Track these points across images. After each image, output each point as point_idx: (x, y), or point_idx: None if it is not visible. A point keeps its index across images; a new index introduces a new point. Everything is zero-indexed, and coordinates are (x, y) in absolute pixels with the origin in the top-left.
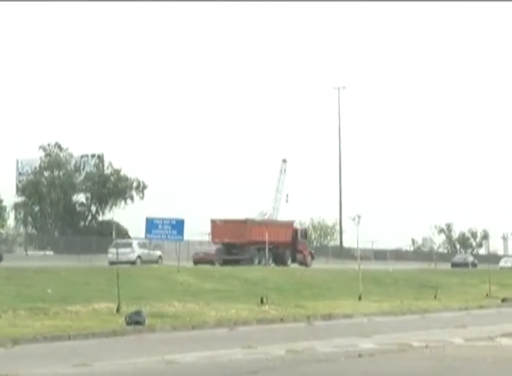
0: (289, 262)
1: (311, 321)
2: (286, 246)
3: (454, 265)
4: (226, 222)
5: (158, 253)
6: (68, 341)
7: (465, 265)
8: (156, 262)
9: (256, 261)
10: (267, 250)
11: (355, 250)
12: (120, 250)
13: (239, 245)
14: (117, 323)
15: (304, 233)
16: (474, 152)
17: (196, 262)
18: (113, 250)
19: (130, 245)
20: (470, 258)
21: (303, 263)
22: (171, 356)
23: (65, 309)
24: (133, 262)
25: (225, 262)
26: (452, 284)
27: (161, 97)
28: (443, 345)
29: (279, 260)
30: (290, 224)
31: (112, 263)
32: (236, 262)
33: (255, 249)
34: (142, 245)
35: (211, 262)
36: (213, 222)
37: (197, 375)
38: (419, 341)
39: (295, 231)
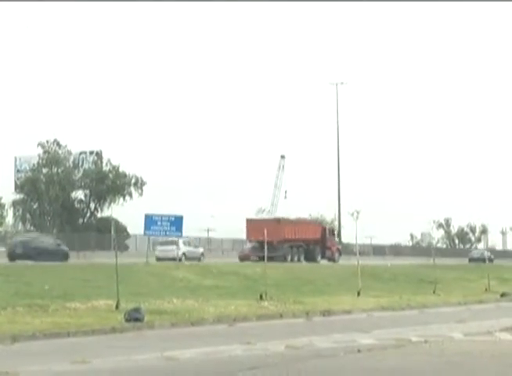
0: (319, 258)
1: (310, 317)
2: (316, 243)
3: (472, 260)
4: (261, 221)
5: (201, 250)
6: (67, 338)
7: (482, 260)
8: (199, 259)
9: (289, 258)
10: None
11: (353, 245)
12: (167, 247)
13: (273, 243)
14: (116, 320)
15: (332, 231)
16: (473, 147)
17: (242, 258)
18: (160, 247)
19: (176, 243)
20: (487, 253)
21: (331, 259)
22: (170, 353)
23: (64, 306)
24: (179, 259)
25: (260, 259)
26: (450, 279)
27: (159, 93)
28: (442, 340)
29: (310, 257)
30: (319, 222)
31: (159, 259)
32: (270, 259)
33: (288, 246)
34: (186, 243)
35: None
36: (248, 221)
37: (197, 371)
38: (418, 337)
39: (324, 229)
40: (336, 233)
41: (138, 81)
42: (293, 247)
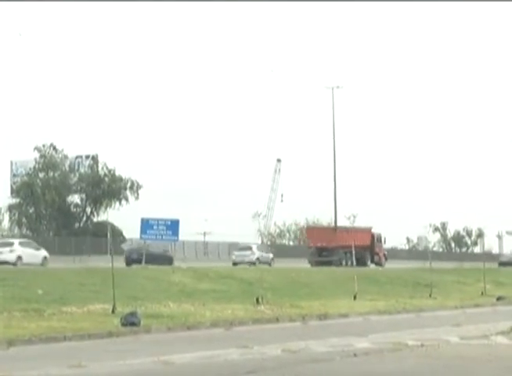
0: (368, 262)
1: (306, 321)
2: (366, 249)
3: (502, 264)
4: (319, 229)
5: (271, 256)
6: (63, 342)
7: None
8: (270, 263)
9: (344, 262)
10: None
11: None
12: (242, 252)
13: (330, 249)
14: (113, 324)
15: (380, 238)
16: (469, 150)
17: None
18: (237, 252)
19: (250, 248)
20: None
21: (378, 263)
22: (166, 357)
23: (60, 310)
24: (253, 263)
25: (317, 264)
26: (447, 283)
27: (155, 98)
28: (438, 344)
29: (361, 261)
30: (369, 230)
31: (235, 264)
32: (327, 263)
33: (343, 252)
34: (259, 248)
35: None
36: (308, 228)
37: (193, 375)
38: (414, 340)
39: (373, 236)
40: (383, 239)
41: (134, 85)
42: (347, 252)
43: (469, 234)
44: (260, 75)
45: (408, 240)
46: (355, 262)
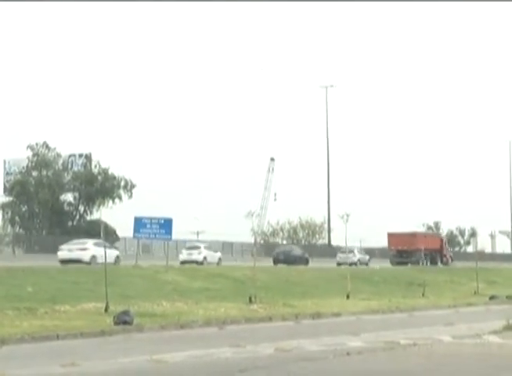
0: (439, 263)
1: (299, 320)
2: (437, 251)
3: None
4: (400, 234)
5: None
6: (56, 341)
7: None
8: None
9: (420, 263)
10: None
11: (343, 248)
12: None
13: (409, 251)
14: (106, 323)
15: (447, 241)
16: (461, 150)
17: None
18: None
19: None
20: None
21: (446, 263)
22: (159, 356)
23: (53, 309)
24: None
25: (398, 264)
26: (440, 282)
27: (148, 96)
28: (431, 343)
29: (433, 262)
30: (439, 235)
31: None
32: (406, 264)
33: (420, 254)
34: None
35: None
36: (390, 234)
37: (186, 374)
38: (407, 339)
39: (442, 240)
40: (447, 242)
41: (128, 83)
42: (422, 254)
43: (462, 233)
44: (254, 74)
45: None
46: (428, 262)
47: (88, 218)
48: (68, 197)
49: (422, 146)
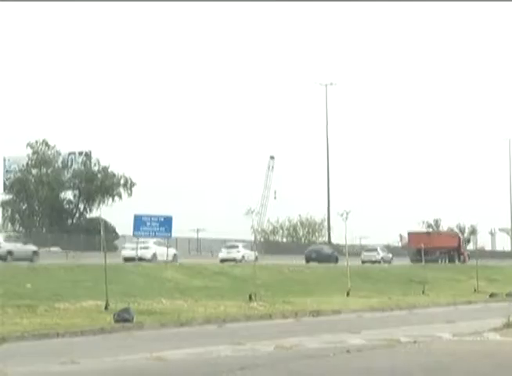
0: (456, 261)
1: (299, 317)
2: (455, 249)
3: None
4: (420, 233)
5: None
6: (56, 338)
7: None
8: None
9: (439, 261)
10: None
11: (343, 246)
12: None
13: (428, 249)
14: (106, 321)
15: (464, 240)
16: (461, 147)
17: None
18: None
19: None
20: None
21: (463, 262)
22: (159, 353)
23: (53, 307)
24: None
25: (418, 262)
26: (440, 280)
27: (148, 94)
28: (431, 340)
29: (451, 260)
30: (456, 234)
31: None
32: (427, 262)
33: (438, 252)
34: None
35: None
36: (410, 233)
37: (186, 372)
38: (407, 337)
39: (459, 239)
40: (464, 241)
41: (128, 81)
42: (441, 252)
43: (462, 231)
44: (253, 72)
45: (401, 237)
46: (447, 260)
47: (88, 216)
48: (68, 194)
49: (422, 144)
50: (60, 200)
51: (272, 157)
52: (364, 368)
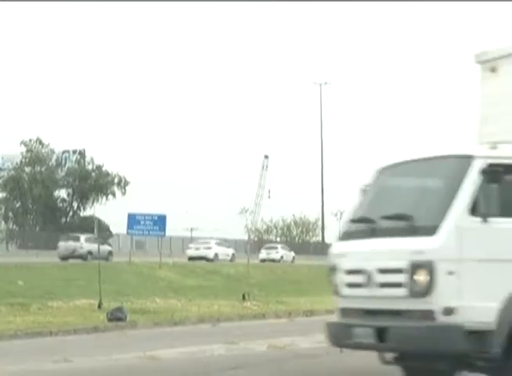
0: None
1: (292, 317)
2: None
3: None
4: None
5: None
6: (49, 337)
7: None
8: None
9: None
10: None
11: None
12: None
13: None
14: (99, 320)
15: None
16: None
17: None
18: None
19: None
20: None
21: None
22: (152, 352)
23: (46, 305)
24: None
25: None
26: None
27: (142, 93)
28: None
29: None
30: None
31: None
32: None
33: None
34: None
35: None
36: None
37: (179, 371)
38: None
39: None
40: None
41: (122, 80)
42: None
43: None
44: (247, 70)
45: None
46: None
47: (82, 214)
48: (62, 193)
49: (417, 145)
50: (54, 199)
51: (266, 156)
52: (357, 367)
